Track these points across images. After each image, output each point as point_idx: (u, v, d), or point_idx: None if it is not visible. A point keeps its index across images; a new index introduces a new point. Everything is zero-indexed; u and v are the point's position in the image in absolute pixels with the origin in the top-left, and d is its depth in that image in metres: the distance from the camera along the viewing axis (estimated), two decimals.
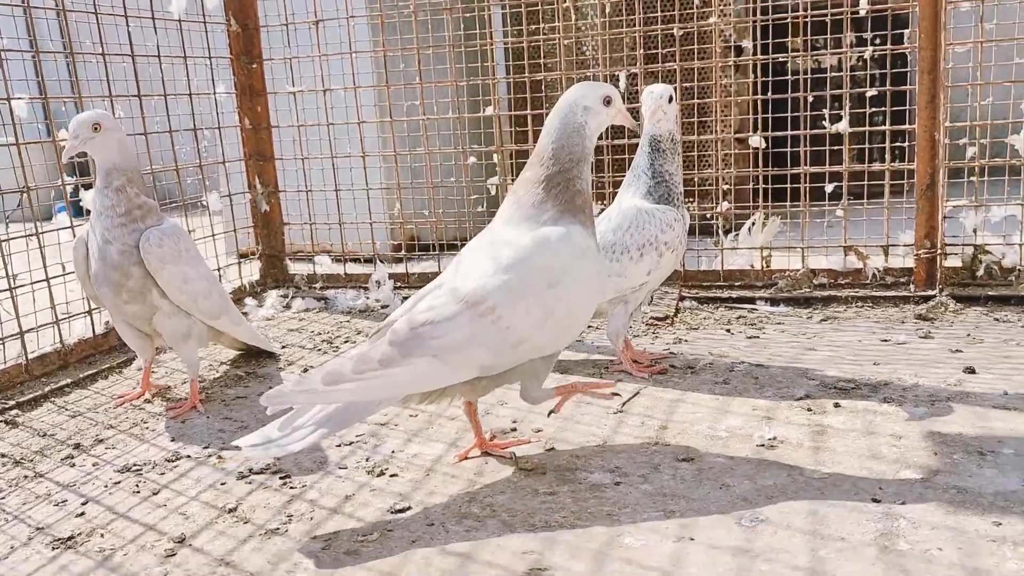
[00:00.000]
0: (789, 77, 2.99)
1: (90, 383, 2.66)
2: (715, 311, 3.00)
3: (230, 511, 1.74)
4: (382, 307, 3.35)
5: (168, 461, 2.02)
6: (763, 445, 1.87)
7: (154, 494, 1.85)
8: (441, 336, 1.67)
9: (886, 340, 2.56)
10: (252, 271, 3.70)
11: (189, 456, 2.04)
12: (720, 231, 3.15)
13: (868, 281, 2.98)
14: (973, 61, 2.78)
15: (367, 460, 1.95)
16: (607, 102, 1.84)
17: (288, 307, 3.46)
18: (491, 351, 1.70)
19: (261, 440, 1.65)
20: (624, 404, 2.18)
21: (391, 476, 1.86)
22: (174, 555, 1.59)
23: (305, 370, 2.64)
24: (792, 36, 2.98)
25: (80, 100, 2.75)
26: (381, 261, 3.51)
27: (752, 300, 3.03)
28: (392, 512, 1.69)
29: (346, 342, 2.95)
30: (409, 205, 3.58)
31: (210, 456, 2.04)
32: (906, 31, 2.87)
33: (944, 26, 2.73)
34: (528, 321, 1.71)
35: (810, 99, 2.95)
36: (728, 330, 2.79)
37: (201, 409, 2.34)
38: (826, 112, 2.94)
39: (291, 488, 1.83)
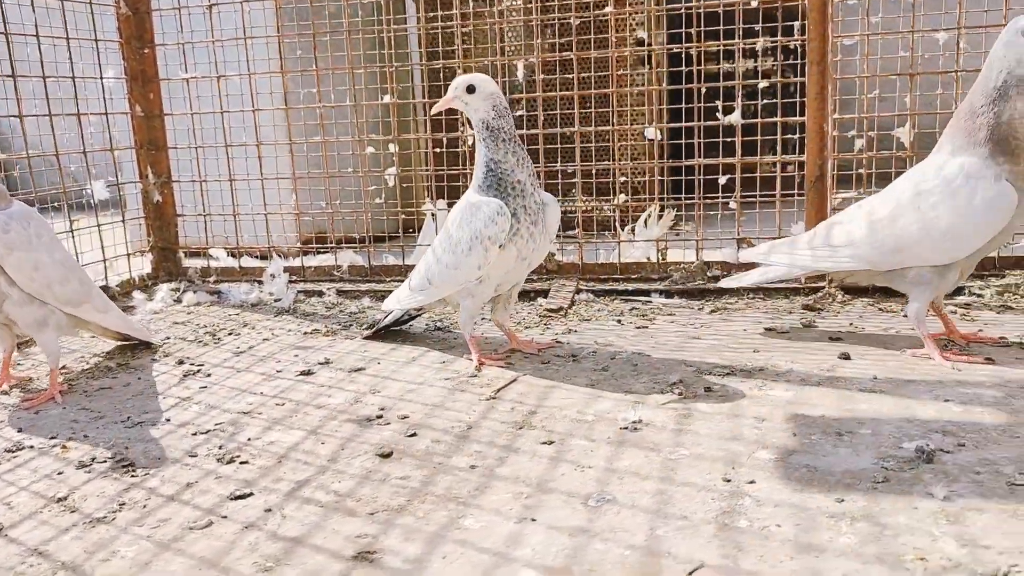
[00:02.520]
0: (694, 69, 2.98)
1: None
2: (610, 303, 2.98)
3: (59, 500, 1.64)
4: (275, 300, 3.25)
5: (8, 451, 1.90)
6: (627, 428, 1.84)
7: None
8: (840, 235, 2.30)
9: (770, 329, 2.55)
10: (144, 264, 3.57)
11: (32, 446, 1.93)
12: (617, 223, 3.12)
13: None
14: (860, 54, 2.81)
15: (220, 448, 1.86)
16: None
17: (179, 301, 3.34)
18: (876, 251, 2.22)
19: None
20: (498, 391, 2.13)
21: (241, 463, 1.77)
22: None
23: (181, 362, 2.54)
24: (689, 27, 2.97)
25: None
26: (278, 255, 3.41)
27: (648, 292, 3.01)
28: (231, 499, 1.61)
29: (230, 334, 2.85)
30: (308, 196, 3.49)
31: (55, 446, 1.93)
32: (796, 23, 2.88)
33: (832, 18, 2.75)
34: (907, 234, 2.16)
35: (703, 90, 2.95)
36: (619, 320, 2.76)
37: (59, 400, 2.23)
38: (719, 104, 2.94)
39: (132, 476, 1.74)
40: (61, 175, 3.09)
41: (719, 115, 2.95)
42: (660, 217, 3.07)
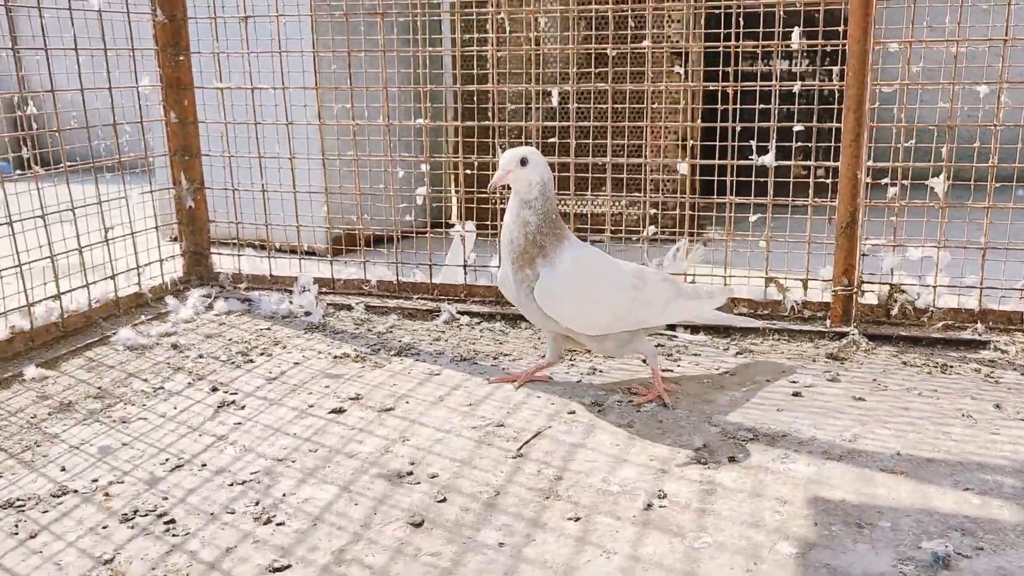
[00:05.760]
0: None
1: None
2: None
3: (106, 562, 1.71)
4: (305, 314, 3.30)
5: (53, 496, 1.98)
6: (651, 505, 1.88)
7: (32, 537, 1.81)
8: None
9: (795, 382, 2.58)
10: (176, 268, 3.62)
11: (76, 491, 2.00)
12: (645, 255, 3.14)
13: (787, 313, 3.01)
14: (898, 103, 2.79)
15: (256, 504, 1.92)
16: None
17: (211, 308, 3.39)
18: None
19: None
20: (522, 447, 2.18)
21: (277, 525, 1.84)
22: None
23: (215, 388, 2.60)
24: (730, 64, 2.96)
25: None
26: (309, 255, 3.46)
27: (673, 327, 3.04)
28: (270, 571, 1.67)
29: (262, 354, 2.91)
30: (339, 210, 3.53)
31: (96, 491, 2.00)
32: (835, 68, 2.86)
33: (871, 66, 2.73)
34: None
35: (738, 129, 2.95)
36: (644, 360, 2.80)
37: None
38: (753, 144, 2.94)
39: (173, 536, 1.80)
40: (96, 185, 3.13)
41: (753, 156, 2.95)
42: (689, 251, 3.08)
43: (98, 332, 3.07)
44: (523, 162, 2.34)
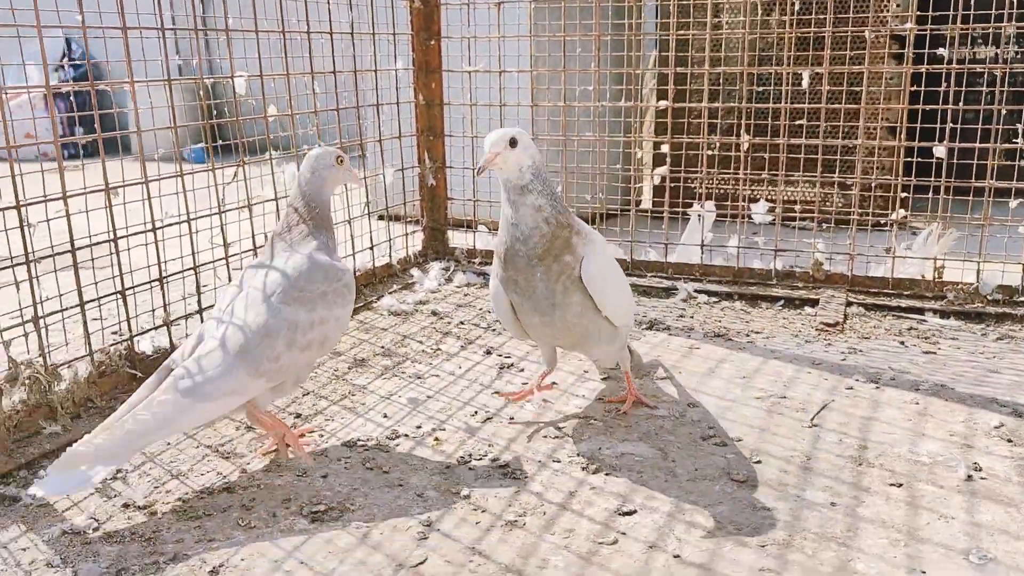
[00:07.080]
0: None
1: None
2: (883, 320, 3.02)
3: (464, 497, 1.88)
4: None
5: (389, 439, 2.17)
6: (970, 476, 1.92)
7: (385, 472, 2.00)
8: None
9: None
10: (415, 242, 3.84)
11: (406, 435, 2.19)
12: (894, 238, 3.14)
13: None
14: None
15: (578, 455, 2.06)
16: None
17: (450, 280, 3.59)
18: None
19: None
20: (814, 418, 2.24)
21: (606, 475, 1.97)
22: (427, 539, 1.73)
23: (488, 352, 2.78)
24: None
25: (288, 76, 2.89)
26: None
27: (921, 311, 3.02)
28: (619, 514, 1.80)
29: None
30: (575, 189, 3.66)
31: (424, 436, 2.18)
32: None
33: None
34: None
35: (1003, 112, 2.91)
36: (902, 342, 2.80)
37: None
38: (1020, 128, 2.89)
39: (513, 479, 1.96)
40: (362, 163, 3.36)
41: (1019, 140, 2.90)
42: (941, 236, 3.06)
43: (361, 298, 3.31)
44: (512, 143, 2.00)
